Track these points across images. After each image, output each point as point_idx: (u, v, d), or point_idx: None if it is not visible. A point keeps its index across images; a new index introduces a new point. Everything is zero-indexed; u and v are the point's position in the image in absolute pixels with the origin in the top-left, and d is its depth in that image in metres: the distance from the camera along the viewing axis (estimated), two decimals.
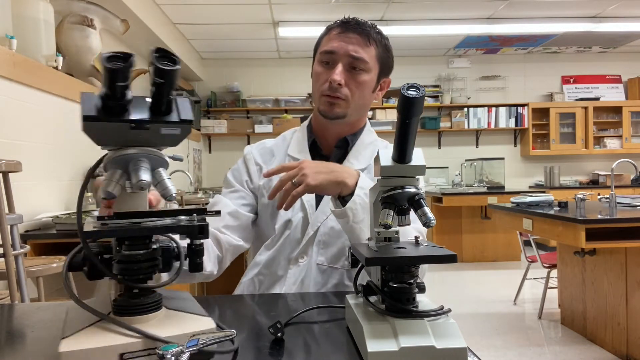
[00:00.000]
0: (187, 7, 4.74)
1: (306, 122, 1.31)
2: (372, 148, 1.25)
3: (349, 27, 1.17)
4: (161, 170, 0.67)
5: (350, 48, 1.15)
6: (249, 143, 6.42)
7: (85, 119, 0.61)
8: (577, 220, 2.65)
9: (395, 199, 0.75)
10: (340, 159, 1.23)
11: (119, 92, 0.61)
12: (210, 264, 1.10)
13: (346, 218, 1.00)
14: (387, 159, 0.76)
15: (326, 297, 1.04)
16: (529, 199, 3.43)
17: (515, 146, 7.02)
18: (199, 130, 6.49)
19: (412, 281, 0.71)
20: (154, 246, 0.68)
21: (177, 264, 0.71)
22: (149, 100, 0.66)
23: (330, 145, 1.25)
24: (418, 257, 0.71)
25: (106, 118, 0.62)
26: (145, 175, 0.64)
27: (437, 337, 0.64)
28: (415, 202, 0.75)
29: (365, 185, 1.00)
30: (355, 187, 1.00)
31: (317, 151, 1.25)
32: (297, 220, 1.18)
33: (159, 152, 0.69)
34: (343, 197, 1.02)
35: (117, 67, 0.59)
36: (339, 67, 1.14)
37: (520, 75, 7.04)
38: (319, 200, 1.20)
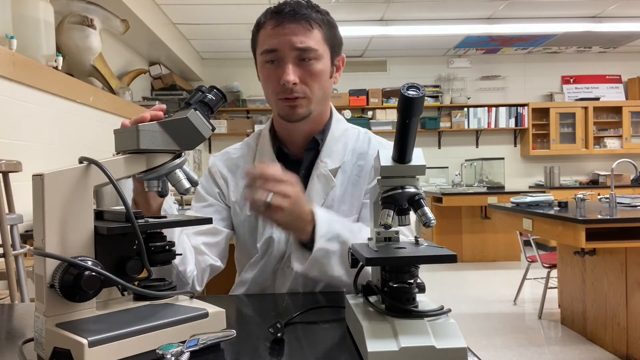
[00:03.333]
0: (187, 7, 4.74)
1: (268, 126, 1.20)
2: (344, 140, 1.17)
3: (284, 16, 1.03)
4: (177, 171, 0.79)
5: (294, 40, 1.02)
6: None
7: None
8: (577, 220, 2.65)
9: (395, 199, 0.75)
10: (312, 161, 1.14)
11: None
12: (190, 267, 1.05)
13: (311, 273, 0.97)
14: (387, 159, 0.77)
15: (326, 297, 1.04)
16: (529, 199, 3.43)
17: (515, 146, 7.02)
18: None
19: (412, 281, 0.71)
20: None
21: None
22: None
23: (299, 148, 1.15)
24: (418, 257, 0.71)
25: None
26: (187, 184, 0.79)
27: (437, 337, 0.64)
28: (415, 202, 0.75)
29: (325, 232, 0.94)
30: (315, 235, 0.94)
31: (285, 157, 1.16)
32: (278, 235, 1.11)
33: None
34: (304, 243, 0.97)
35: None
36: (288, 65, 1.03)
37: (520, 75, 7.04)
38: None
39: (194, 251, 1.09)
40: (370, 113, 6.69)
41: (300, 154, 1.15)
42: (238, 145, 1.24)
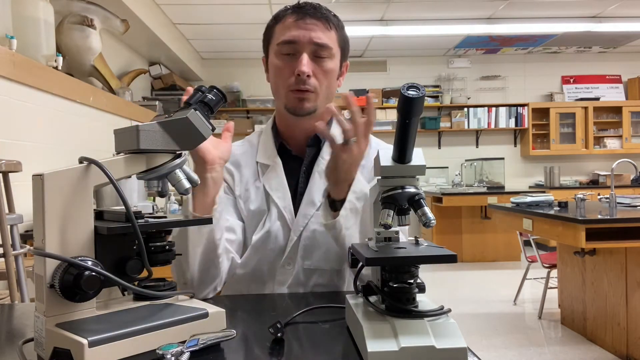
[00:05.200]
0: (187, 7, 4.74)
1: (270, 123, 1.22)
2: None
3: (306, 12, 1.08)
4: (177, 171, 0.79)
5: (313, 35, 1.06)
6: None
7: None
8: (577, 220, 2.65)
9: (395, 199, 0.75)
10: (314, 157, 1.16)
11: None
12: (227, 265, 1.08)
13: (334, 230, 0.99)
14: (387, 159, 0.77)
15: (326, 297, 1.04)
16: (529, 199, 3.43)
17: (515, 146, 7.02)
18: None
19: (412, 281, 0.71)
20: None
21: None
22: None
23: (301, 145, 1.17)
24: (418, 257, 0.71)
25: None
26: (187, 184, 0.78)
27: (437, 337, 0.64)
28: (415, 202, 0.75)
29: (357, 189, 1.00)
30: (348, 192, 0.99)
31: (287, 153, 1.18)
32: (276, 230, 1.11)
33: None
34: (333, 200, 1.00)
35: None
36: (305, 57, 1.06)
37: (520, 75, 7.04)
38: (297, 202, 1.13)
39: (224, 250, 1.07)
40: None
41: (301, 151, 1.17)
42: (239, 143, 1.25)
